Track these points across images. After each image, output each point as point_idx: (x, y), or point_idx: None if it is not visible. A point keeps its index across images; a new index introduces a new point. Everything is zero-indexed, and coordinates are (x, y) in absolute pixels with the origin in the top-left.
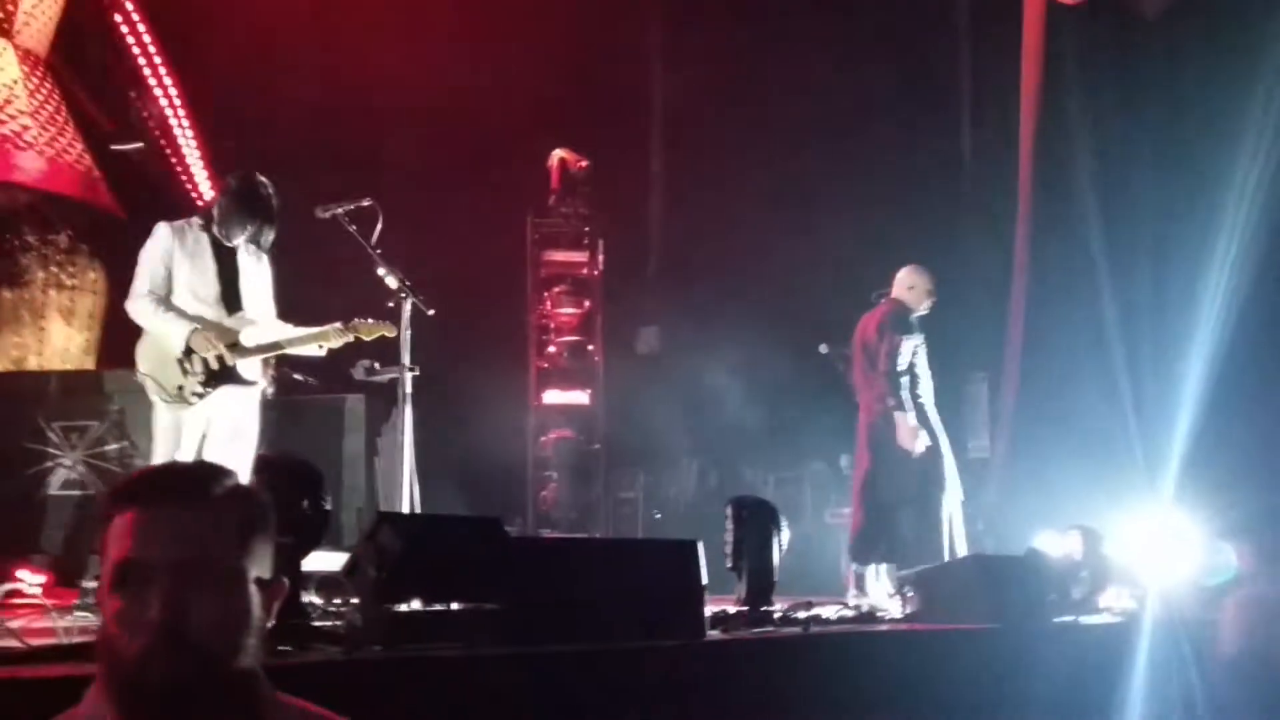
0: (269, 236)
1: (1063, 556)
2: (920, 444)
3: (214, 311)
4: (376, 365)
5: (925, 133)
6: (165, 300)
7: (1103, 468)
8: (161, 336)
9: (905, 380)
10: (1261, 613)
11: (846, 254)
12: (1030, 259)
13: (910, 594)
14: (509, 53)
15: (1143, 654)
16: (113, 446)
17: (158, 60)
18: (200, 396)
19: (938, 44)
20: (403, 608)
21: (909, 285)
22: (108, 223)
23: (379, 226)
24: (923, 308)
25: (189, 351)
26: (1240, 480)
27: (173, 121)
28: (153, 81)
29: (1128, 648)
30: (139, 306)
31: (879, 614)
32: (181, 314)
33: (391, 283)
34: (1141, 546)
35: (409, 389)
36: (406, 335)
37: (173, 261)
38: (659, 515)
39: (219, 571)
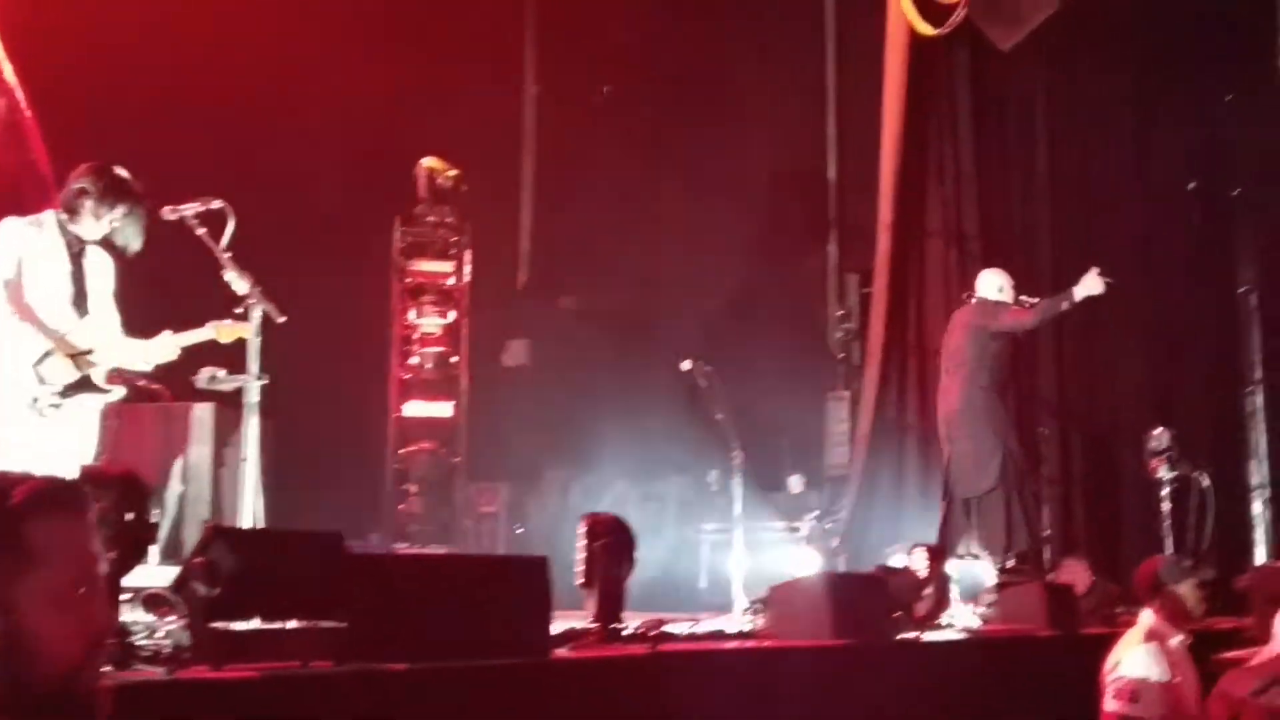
0: (136, 228)
1: (909, 573)
2: None
3: (68, 317)
4: (221, 373)
5: (792, 153)
6: (18, 304)
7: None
8: (13, 345)
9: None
10: None
11: (715, 270)
12: (891, 279)
13: (760, 610)
14: (379, 58)
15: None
16: None
17: None
18: (56, 408)
19: (805, 69)
20: (236, 625)
21: (999, 286)
22: None
23: (230, 229)
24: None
25: (42, 361)
26: None
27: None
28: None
29: (968, 663)
30: None
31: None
32: (39, 325)
33: (241, 288)
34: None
35: (255, 398)
36: (255, 343)
37: (25, 260)
38: (521, 529)
39: None
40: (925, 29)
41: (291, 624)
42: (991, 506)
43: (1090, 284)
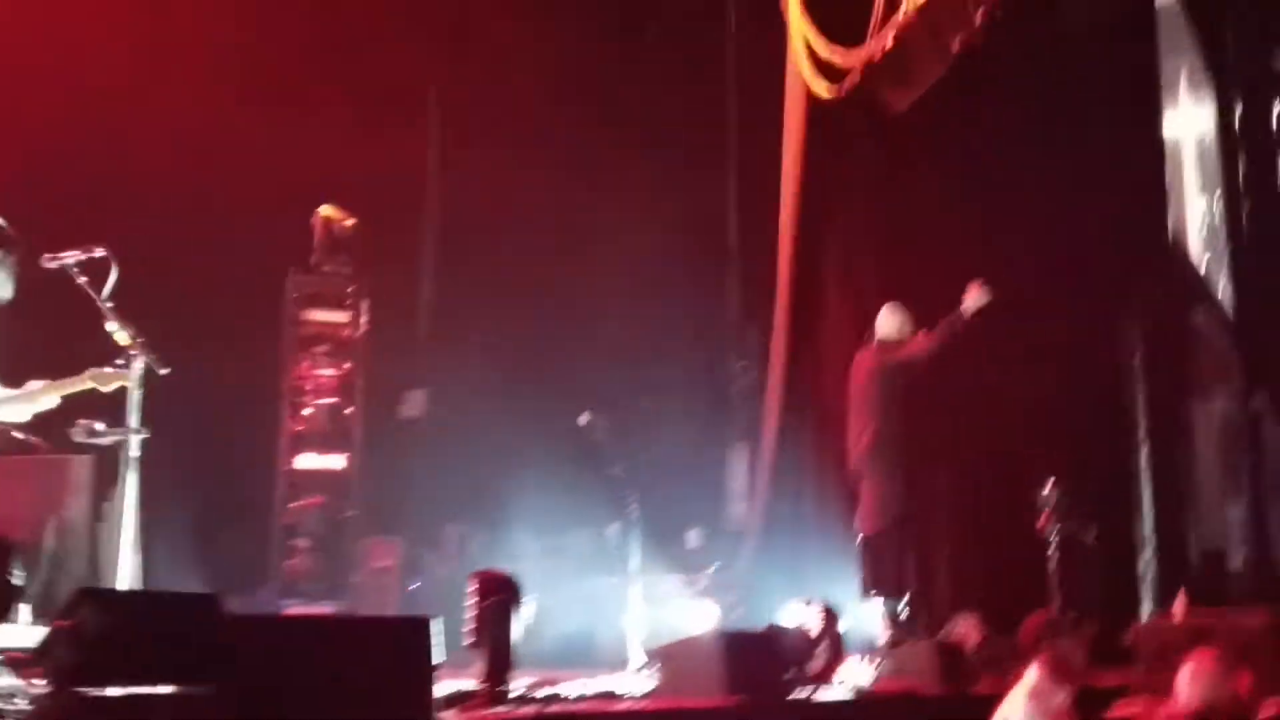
0: (6, 275)
1: (802, 630)
2: None
3: None
4: (100, 426)
5: (696, 206)
6: None
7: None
8: None
9: None
10: None
11: (618, 323)
12: (790, 332)
13: (653, 667)
14: (277, 103)
15: None
16: None
17: None
18: None
19: (709, 123)
20: (105, 691)
21: (898, 324)
22: None
23: (113, 277)
24: None
25: None
26: None
27: None
28: None
29: None
30: None
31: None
32: None
33: (122, 338)
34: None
35: (135, 452)
36: (136, 394)
37: None
38: (417, 585)
39: None
40: (822, 91)
41: (164, 689)
42: (888, 552)
43: (976, 297)
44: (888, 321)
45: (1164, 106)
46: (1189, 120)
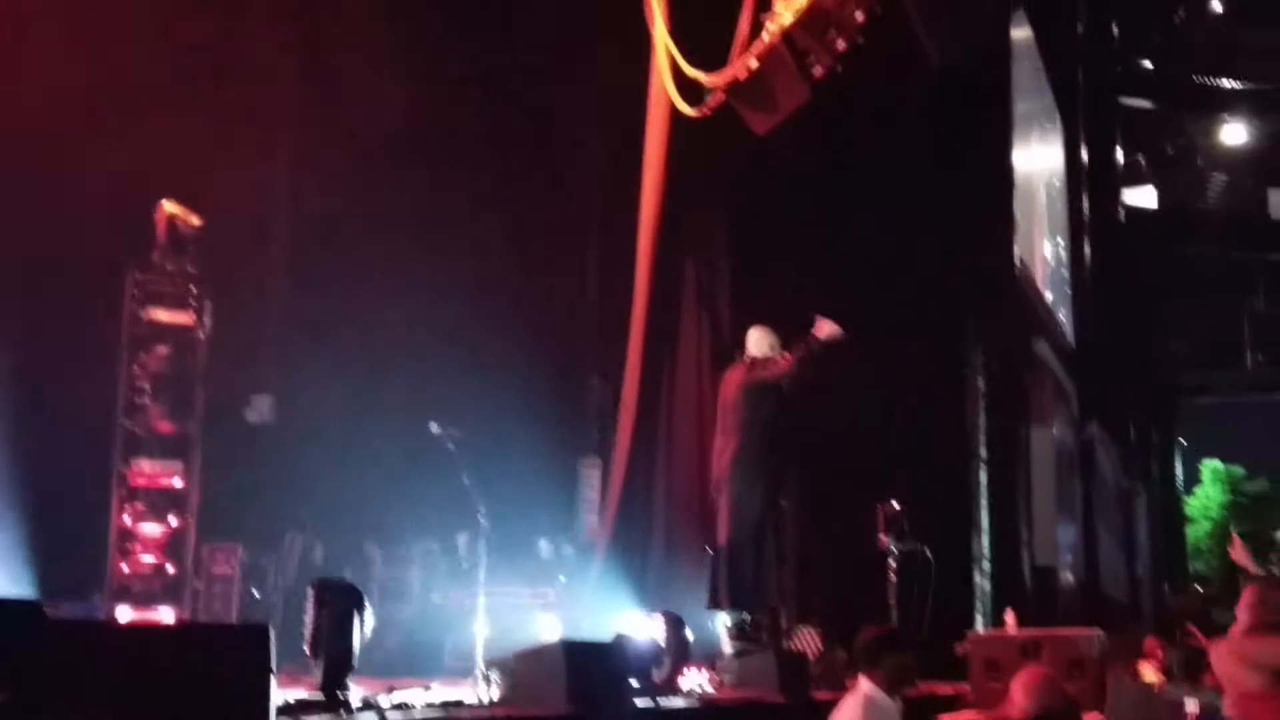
0: None
1: (647, 640)
2: None
3: None
4: None
5: (551, 231)
6: None
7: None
8: None
9: None
10: None
11: (467, 333)
12: (644, 347)
13: (492, 678)
14: (122, 93)
15: None
16: None
17: None
18: None
19: (566, 152)
20: None
21: (768, 344)
22: None
23: None
24: None
25: None
26: None
27: None
28: None
29: None
30: None
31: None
32: None
33: None
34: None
35: None
36: None
37: None
38: (256, 594)
39: None
40: (686, 109)
41: None
42: (742, 563)
43: (827, 328)
44: (759, 341)
45: (1017, 142)
46: (1041, 157)
